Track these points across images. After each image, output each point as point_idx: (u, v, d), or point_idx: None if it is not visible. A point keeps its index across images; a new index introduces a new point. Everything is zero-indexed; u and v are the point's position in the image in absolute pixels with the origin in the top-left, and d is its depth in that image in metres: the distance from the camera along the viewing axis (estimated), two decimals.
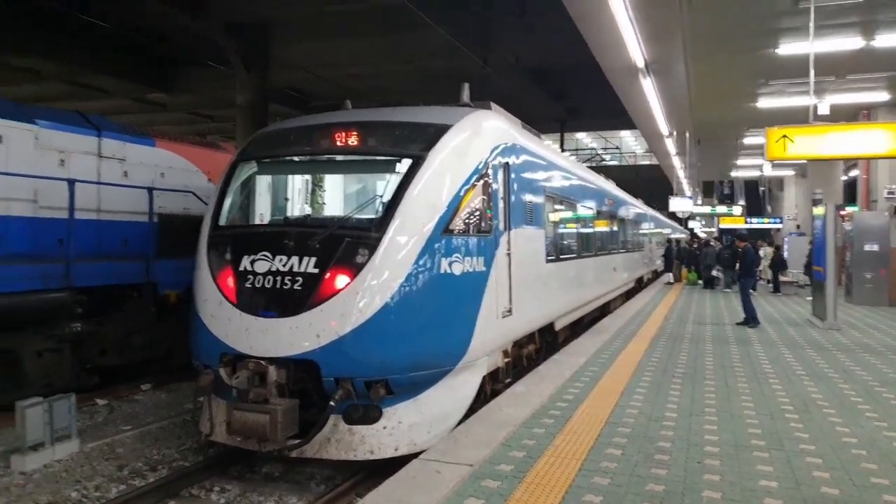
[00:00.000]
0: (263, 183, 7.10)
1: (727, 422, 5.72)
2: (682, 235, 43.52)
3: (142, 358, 9.25)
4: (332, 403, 5.49)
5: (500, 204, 7.01)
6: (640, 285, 22.67)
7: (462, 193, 6.27)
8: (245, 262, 6.06)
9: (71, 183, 7.92)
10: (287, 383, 5.66)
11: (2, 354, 7.48)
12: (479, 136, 6.78)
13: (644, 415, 5.91)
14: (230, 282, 6.07)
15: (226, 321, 5.93)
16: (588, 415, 5.87)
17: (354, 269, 5.68)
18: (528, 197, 8.08)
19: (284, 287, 5.81)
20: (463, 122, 6.70)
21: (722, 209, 32.98)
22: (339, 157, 6.77)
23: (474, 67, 18.63)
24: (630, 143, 54.15)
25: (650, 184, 39.57)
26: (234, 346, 5.80)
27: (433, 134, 6.42)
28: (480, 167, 6.60)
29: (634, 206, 21.06)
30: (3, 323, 7.28)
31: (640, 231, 22.14)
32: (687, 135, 20.58)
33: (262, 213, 7.06)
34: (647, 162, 43.44)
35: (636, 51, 11.45)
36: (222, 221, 6.70)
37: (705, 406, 6.26)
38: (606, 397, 6.51)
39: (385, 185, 6.29)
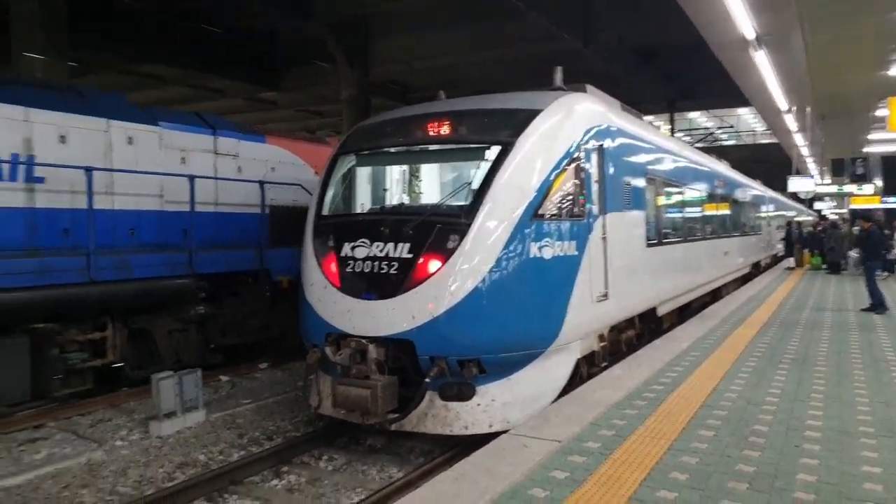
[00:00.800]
0: (362, 174, 7.47)
1: (834, 408, 5.47)
2: (809, 217, 40.68)
3: (258, 338, 9.97)
4: (426, 380, 5.76)
5: (594, 187, 6.98)
6: (756, 270, 21.57)
7: (552, 178, 6.33)
8: (346, 249, 6.44)
9: (191, 179, 8.66)
10: (386, 361, 5.99)
11: (139, 333, 8.33)
12: (570, 120, 6.79)
13: (743, 398, 5.75)
14: (333, 267, 6.48)
15: (330, 303, 6.34)
16: (683, 398, 5.80)
17: (445, 254, 5.91)
18: (627, 180, 7.98)
19: (382, 271, 6.14)
20: (553, 105, 6.73)
21: (851, 188, 30.48)
22: (432, 147, 7.00)
23: (575, 51, 18.37)
24: (749, 121, 51.12)
25: (770, 163, 37.31)
26: (338, 326, 6.20)
27: (522, 119, 6.50)
28: (572, 151, 6.61)
29: (750, 188, 20.01)
30: (140, 305, 8.12)
31: (757, 214, 21.02)
32: (808, 110, 19.26)
33: (362, 202, 7.44)
34: (767, 140, 40.91)
35: (745, 23, 10.89)
36: (325, 211, 7.12)
37: (812, 392, 6.00)
38: (705, 382, 6.38)
39: (475, 173, 6.46)
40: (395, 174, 7.63)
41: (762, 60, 13.13)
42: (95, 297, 7.49)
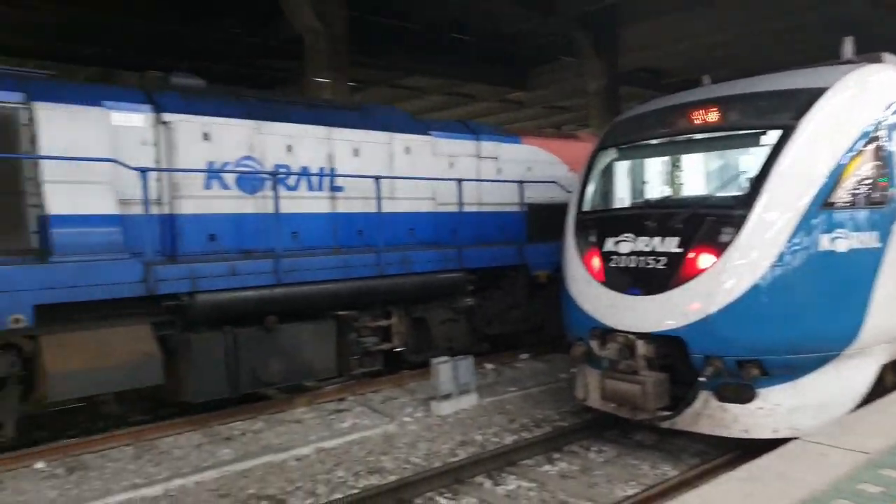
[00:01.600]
0: (623, 168, 7.45)
1: None
2: None
3: (519, 329, 10.47)
4: (701, 379, 5.60)
5: None
6: None
7: (845, 162, 5.72)
8: (609, 244, 6.51)
9: (459, 182, 9.39)
10: (654, 357, 5.95)
11: (418, 321, 9.28)
12: (865, 95, 6.06)
13: None
14: (596, 262, 6.59)
15: (594, 298, 6.47)
16: None
17: (719, 248, 5.68)
18: None
19: (648, 266, 6.09)
20: (843, 81, 6.06)
21: None
22: (699, 136, 6.73)
23: (863, 14, 16.05)
24: None
25: None
26: (603, 321, 6.30)
27: (805, 100, 5.95)
28: (869, 130, 5.90)
29: None
30: (419, 296, 9.04)
31: None
32: None
33: (623, 196, 7.44)
34: None
35: None
36: (586, 207, 7.24)
37: None
38: None
39: (749, 161, 6.10)
40: (658, 166, 7.50)
41: None
42: (384, 289, 8.51)
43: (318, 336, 7.97)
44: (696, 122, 6.60)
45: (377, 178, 8.46)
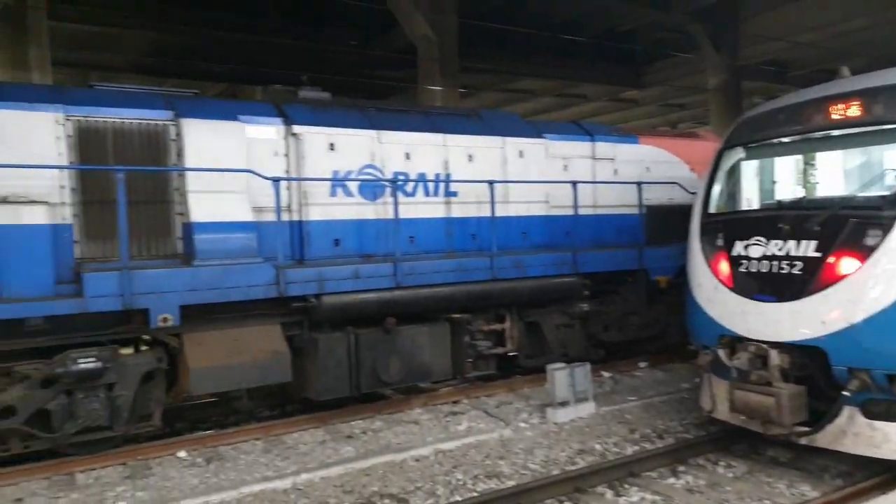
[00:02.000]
0: (752, 168, 7.07)
1: None
2: None
3: (637, 336, 10.17)
4: (845, 394, 5.21)
5: None
6: None
7: None
8: (738, 247, 6.21)
9: (574, 185, 9.26)
10: (790, 368, 5.60)
11: (531, 326, 9.23)
12: None
13: None
14: (724, 267, 6.30)
15: (722, 304, 6.19)
16: None
17: (864, 252, 5.28)
18: None
19: (781, 271, 5.76)
20: None
21: None
22: (837, 132, 6.27)
23: None
24: None
25: None
26: (732, 329, 6.01)
27: None
28: None
29: None
30: (532, 300, 8.99)
31: None
32: None
33: (751, 198, 7.05)
34: None
35: None
36: (712, 209, 6.92)
37: None
38: None
39: None
40: (791, 166, 7.06)
41: None
42: (498, 293, 8.54)
43: (435, 338, 8.13)
44: (834, 116, 6.14)
45: (491, 182, 8.51)
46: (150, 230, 6.92)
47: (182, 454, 6.76)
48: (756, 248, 6.07)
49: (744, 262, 6.12)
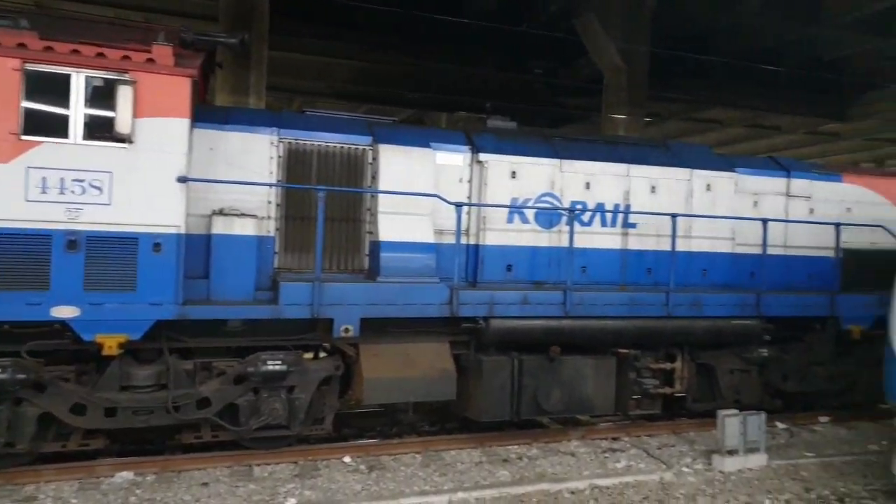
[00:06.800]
0: None
1: None
2: None
3: (820, 388, 9.35)
4: None
5: None
6: None
7: None
8: None
9: (764, 222, 8.76)
10: None
11: (703, 368, 8.81)
12: None
13: None
14: None
15: None
16: None
17: None
18: None
19: None
20: None
21: None
22: None
23: None
24: None
25: None
26: None
27: None
28: None
29: None
30: (707, 341, 8.60)
31: None
32: None
33: None
34: None
35: None
36: None
37: None
38: None
39: None
40: None
41: None
42: (671, 331, 8.28)
43: (599, 371, 8.01)
44: None
45: (673, 215, 8.32)
46: (341, 246, 7.51)
47: (347, 459, 7.04)
48: None
49: None
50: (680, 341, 8.51)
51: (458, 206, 7.42)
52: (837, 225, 9.22)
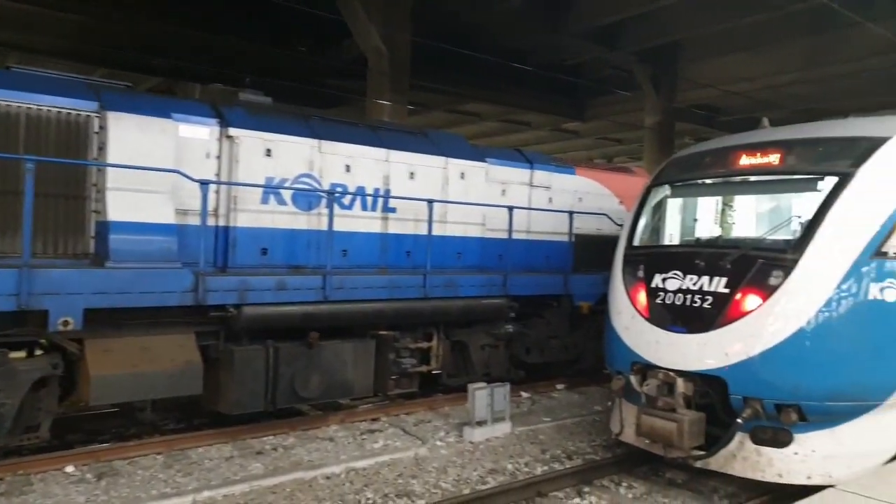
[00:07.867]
0: (676, 205, 7.42)
1: None
2: None
3: (557, 359, 10.42)
4: (738, 421, 5.54)
5: None
6: None
7: None
8: (657, 280, 6.49)
9: (510, 209, 9.46)
10: (693, 396, 5.88)
11: (456, 344, 9.30)
12: None
13: None
14: (642, 297, 6.57)
15: (637, 333, 6.44)
16: None
17: (767, 291, 5.65)
18: None
19: (694, 305, 6.07)
20: None
21: None
22: (754, 178, 6.69)
23: None
24: None
25: None
26: (644, 357, 6.27)
27: (865, 148, 5.89)
28: None
29: None
30: (461, 320, 9.08)
31: None
32: None
33: (673, 233, 7.39)
34: None
35: None
36: (636, 242, 7.24)
37: None
38: None
39: (804, 205, 6.03)
40: (710, 206, 7.44)
41: None
42: (429, 312, 8.58)
43: (359, 355, 8.02)
44: (753, 163, 6.58)
45: (430, 201, 8.60)
46: (59, 227, 6.44)
47: (70, 469, 6.26)
48: (673, 282, 6.36)
49: (661, 293, 6.40)
50: (437, 321, 8.86)
51: (204, 183, 6.83)
52: (571, 213, 10.29)
